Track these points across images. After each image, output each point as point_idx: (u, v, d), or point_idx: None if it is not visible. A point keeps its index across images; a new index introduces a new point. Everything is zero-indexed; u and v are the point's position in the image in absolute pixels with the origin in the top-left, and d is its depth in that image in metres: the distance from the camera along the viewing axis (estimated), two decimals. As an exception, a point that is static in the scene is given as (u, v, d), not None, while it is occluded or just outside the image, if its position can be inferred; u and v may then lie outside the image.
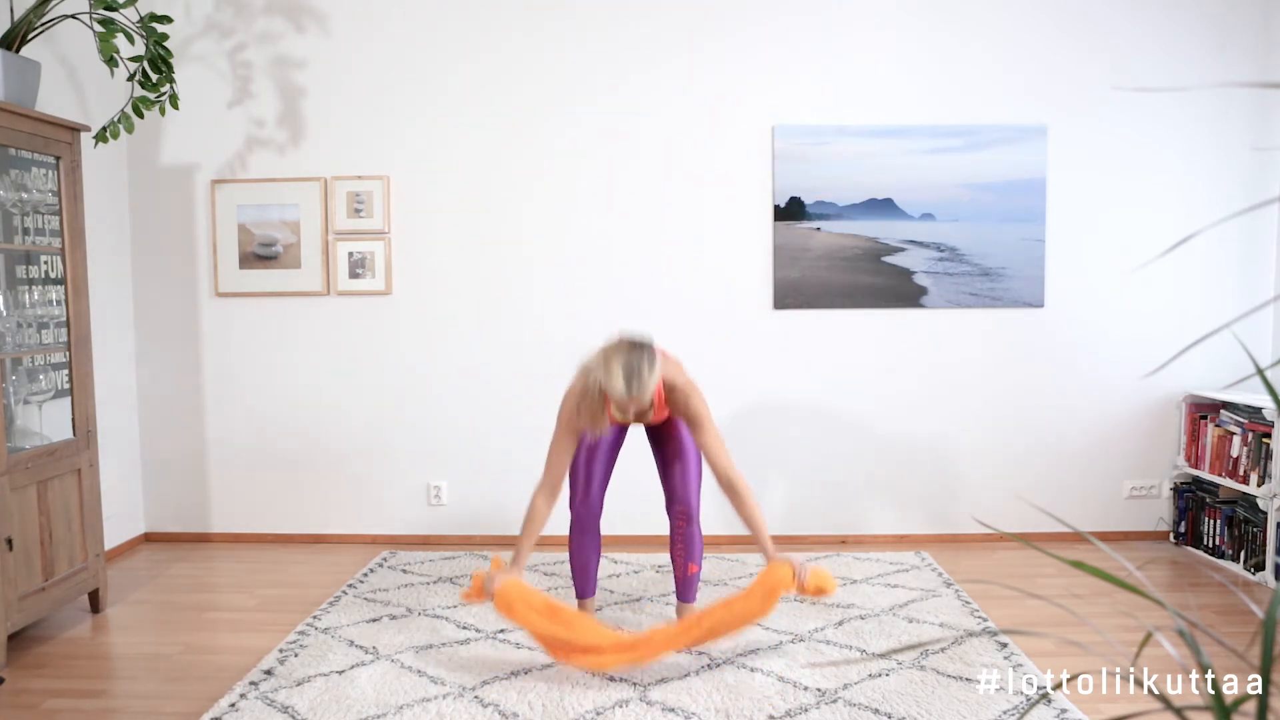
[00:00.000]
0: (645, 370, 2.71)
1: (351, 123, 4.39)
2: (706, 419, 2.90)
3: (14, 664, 3.05)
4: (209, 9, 4.36)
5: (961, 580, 3.81)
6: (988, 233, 4.35)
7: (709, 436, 2.89)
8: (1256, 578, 3.83)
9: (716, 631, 2.84)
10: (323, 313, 4.46)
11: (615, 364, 2.71)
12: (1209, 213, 4.29)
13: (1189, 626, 1.19)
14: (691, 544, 3.13)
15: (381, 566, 4.04)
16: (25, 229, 3.43)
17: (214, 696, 2.76)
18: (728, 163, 4.36)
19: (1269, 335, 4.34)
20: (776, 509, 4.44)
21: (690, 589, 3.16)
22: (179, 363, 4.50)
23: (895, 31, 4.32)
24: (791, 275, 4.37)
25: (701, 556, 3.18)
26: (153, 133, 4.41)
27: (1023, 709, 2.47)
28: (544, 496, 2.91)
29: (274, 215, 4.41)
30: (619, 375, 2.70)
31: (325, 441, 4.49)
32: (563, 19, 4.33)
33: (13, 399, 3.33)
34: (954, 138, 4.32)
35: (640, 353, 2.73)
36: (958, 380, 4.42)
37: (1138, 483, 4.46)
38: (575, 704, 2.66)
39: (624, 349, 2.75)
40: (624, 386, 2.70)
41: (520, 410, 4.42)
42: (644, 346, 2.77)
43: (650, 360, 2.73)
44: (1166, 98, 4.31)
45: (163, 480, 4.55)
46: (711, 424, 2.91)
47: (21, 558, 3.10)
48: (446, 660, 2.99)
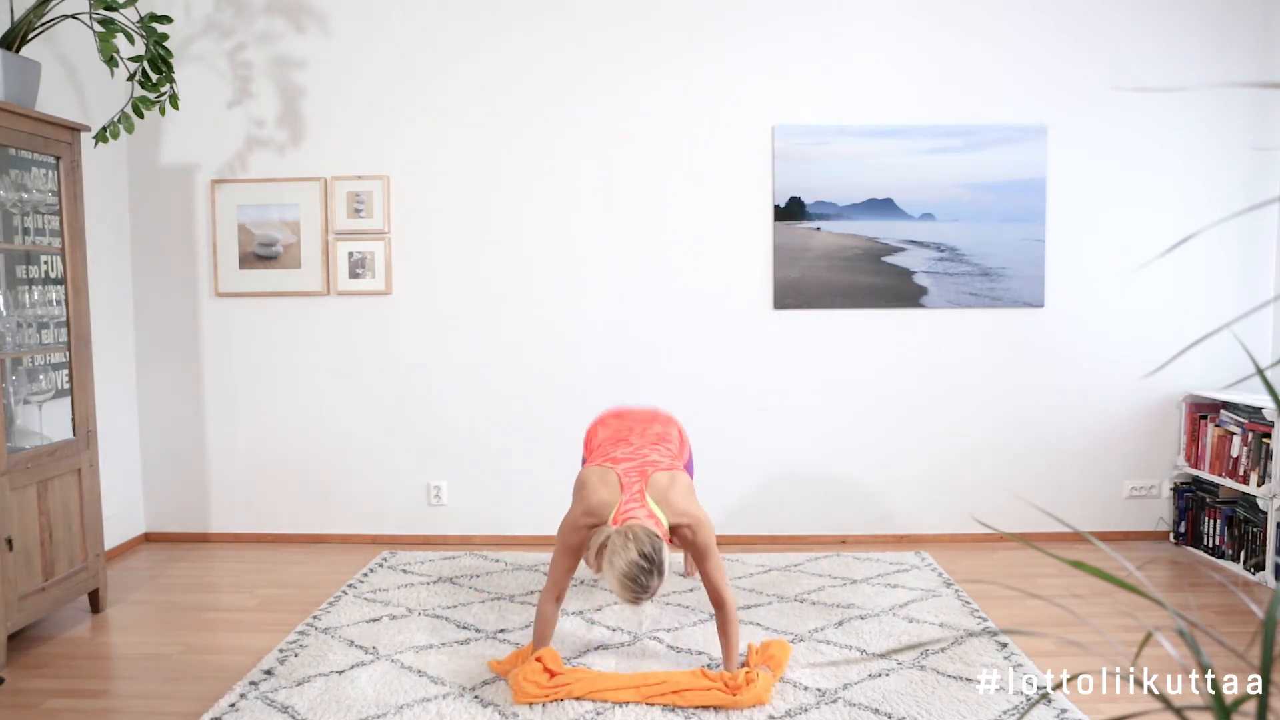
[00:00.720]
0: (653, 583, 2.60)
1: (351, 123, 4.39)
2: (712, 550, 2.83)
3: (14, 664, 3.05)
4: (209, 9, 4.36)
5: (961, 580, 3.81)
6: (988, 233, 4.35)
7: (712, 566, 2.82)
8: (1256, 578, 3.83)
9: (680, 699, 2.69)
10: (323, 313, 4.46)
11: (619, 565, 2.58)
12: (1209, 213, 4.29)
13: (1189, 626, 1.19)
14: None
15: (381, 566, 4.04)
16: (25, 229, 3.43)
17: (214, 696, 2.76)
18: (728, 163, 4.36)
19: (1269, 335, 4.34)
20: (777, 509, 4.44)
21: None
22: (179, 363, 4.50)
23: (895, 31, 4.32)
24: (791, 275, 4.37)
25: None
26: (153, 133, 4.41)
27: (1023, 709, 2.47)
28: (549, 603, 2.87)
29: (274, 215, 4.41)
30: (623, 586, 2.60)
31: (325, 441, 4.49)
32: (562, 19, 4.33)
33: (13, 399, 3.33)
34: (954, 138, 4.32)
35: (650, 565, 2.58)
36: (958, 380, 4.42)
37: (1138, 483, 4.46)
38: (575, 704, 2.66)
39: (631, 549, 2.58)
40: (629, 597, 2.62)
41: (520, 410, 4.42)
42: (653, 553, 2.59)
43: (660, 569, 2.60)
44: (1166, 98, 4.31)
45: (163, 480, 4.55)
46: (715, 553, 2.83)
47: (21, 558, 3.10)
48: (446, 660, 2.99)
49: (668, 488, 2.83)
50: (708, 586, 2.83)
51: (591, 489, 2.83)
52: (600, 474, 2.88)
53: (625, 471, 2.86)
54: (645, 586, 2.59)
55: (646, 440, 3.06)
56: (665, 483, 2.84)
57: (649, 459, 2.93)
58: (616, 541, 2.62)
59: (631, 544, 2.59)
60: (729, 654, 2.81)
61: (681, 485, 2.87)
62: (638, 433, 3.12)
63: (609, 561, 2.62)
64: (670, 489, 2.83)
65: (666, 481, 2.84)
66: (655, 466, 2.89)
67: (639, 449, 2.99)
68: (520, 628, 3.27)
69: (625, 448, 3.00)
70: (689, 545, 2.85)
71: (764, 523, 4.46)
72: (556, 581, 2.87)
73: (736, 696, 2.64)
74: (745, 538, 4.45)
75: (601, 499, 2.79)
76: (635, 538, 2.61)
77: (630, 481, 2.83)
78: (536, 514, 4.40)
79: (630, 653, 3.04)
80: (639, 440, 3.06)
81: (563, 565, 2.85)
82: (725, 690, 2.66)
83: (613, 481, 2.83)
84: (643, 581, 2.58)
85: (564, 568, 2.86)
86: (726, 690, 2.66)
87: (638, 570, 2.57)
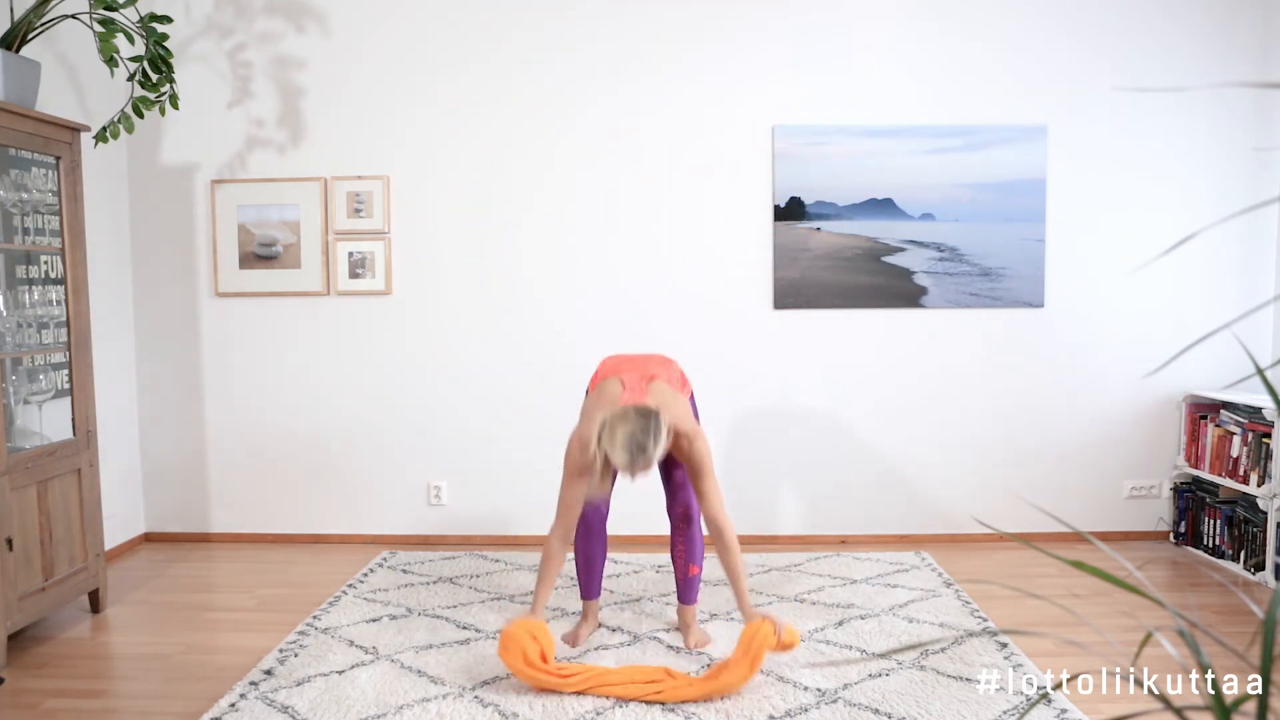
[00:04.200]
0: (650, 445, 2.65)
1: (351, 123, 4.39)
2: (708, 466, 2.86)
3: (14, 664, 3.05)
4: (209, 9, 4.36)
5: (961, 580, 3.81)
6: (988, 233, 4.35)
7: (708, 483, 2.85)
8: (1256, 578, 3.83)
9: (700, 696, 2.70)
10: (323, 313, 4.46)
11: (620, 434, 2.64)
12: (1209, 213, 4.29)
13: (1189, 626, 1.19)
14: (693, 545, 3.13)
15: (381, 566, 4.04)
16: (25, 229, 3.43)
17: (214, 696, 2.76)
18: (728, 162, 4.36)
19: (1269, 335, 4.33)
20: (777, 509, 4.44)
21: (691, 591, 3.16)
22: (179, 363, 4.50)
23: (895, 31, 4.32)
24: (791, 275, 4.37)
25: (703, 557, 3.18)
26: (153, 133, 4.41)
27: (1023, 709, 2.47)
28: (558, 539, 2.88)
29: (274, 215, 4.41)
30: (623, 448, 2.64)
31: (325, 441, 4.49)
32: (563, 19, 4.33)
33: (13, 399, 3.33)
34: (954, 138, 4.32)
35: (646, 424, 2.66)
36: (957, 380, 4.42)
37: (1138, 483, 4.46)
38: (575, 704, 2.66)
39: (630, 418, 2.67)
40: (628, 459, 2.65)
41: (521, 409, 4.43)
42: (651, 415, 2.69)
43: (656, 433, 2.66)
44: (1167, 98, 4.31)
45: (163, 480, 4.55)
46: (712, 471, 2.87)
47: (21, 558, 3.10)
48: (446, 660, 2.99)
49: (668, 397, 2.87)
50: (704, 506, 2.86)
51: (594, 403, 2.88)
52: (602, 387, 2.94)
53: (629, 378, 2.91)
54: (642, 446, 2.64)
55: (649, 365, 3.10)
56: (666, 392, 2.89)
57: (650, 372, 2.99)
58: (615, 414, 2.69)
59: (631, 411, 2.68)
60: (737, 584, 2.85)
61: (682, 402, 2.94)
62: (639, 363, 3.14)
63: (609, 433, 2.67)
64: (671, 400, 2.88)
65: (668, 392, 2.89)
66: (657, 378, 2.95)
67: (641, 366, 3.04)
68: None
69: (627, 367, 3.05)
70: (686, 457, 2.88)
71: (764, 523, 4.46)
72: (565, 513, 2.86)
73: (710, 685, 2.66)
74: (745, 538, 4.43)
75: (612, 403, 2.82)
76: (635, 409, 2.70)
77: (633, 383, 2.88)
78: (537, 514, 4.39)
79: (631, 653, 3.04)
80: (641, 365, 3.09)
81: (572, 492, 2.86)
82: (709, 680, 2.68)
83: (615, 392, 2.88)
84: (639, 440, 2.64)
85: (574, 495, 2.86)
86: (710, 680, 2.68)
87: (637, 430, 2.64)
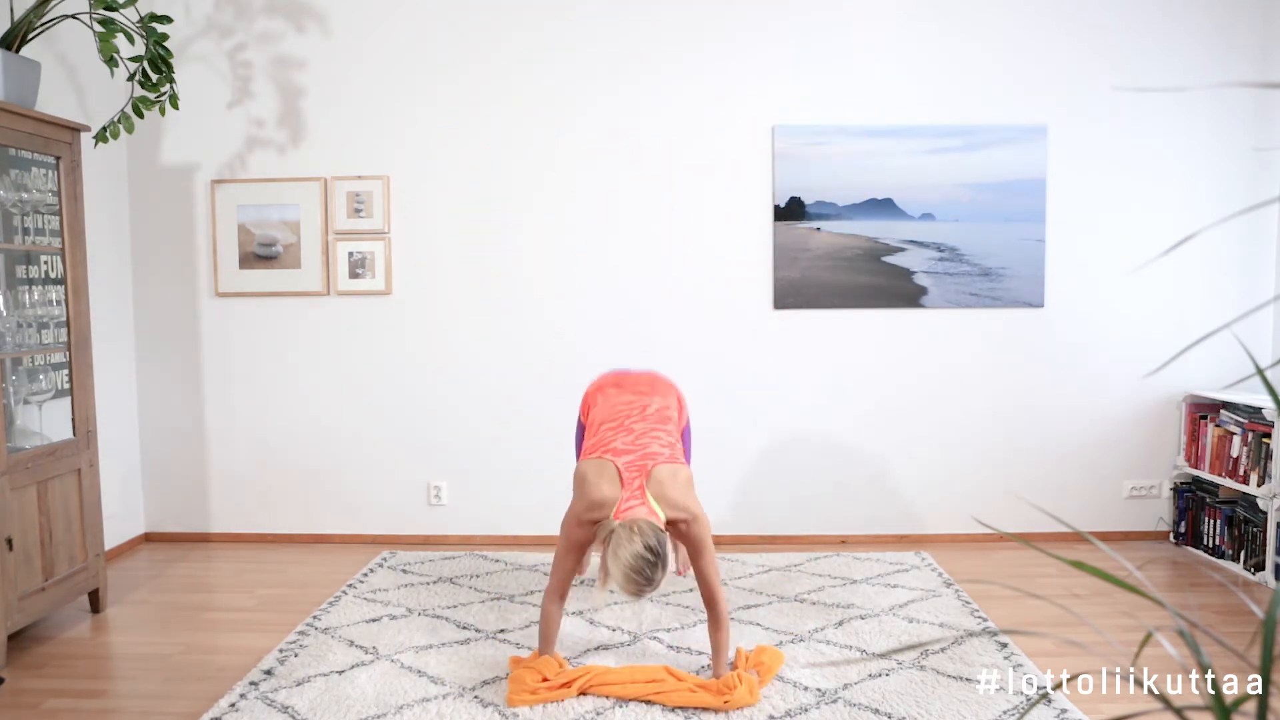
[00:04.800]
0: (657, 574, 2.62)
1: (351, 123, 4.39)
2: (707, 545, 2.84)
3: (14, 664, 3.05)
4: (209, 9, 4.36)
5: (961, 580, 3.81)
6: (988, 233, 4.35)
7: (706, 561, 2.83)
8: (1256, 578, 3.83)
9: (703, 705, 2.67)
10: (323, 313, 4.46)
11: (624, 557, 2.61)
12: (1209, 213, 4.29)
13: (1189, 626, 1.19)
14: None
15: (381, 566, 4.04)
16: (25, 229, 3.43)
17: (214, 696, 2.76)
18: (728, 162, 4.36)
19: (1269, 335, 4.33)
20: (777, 509, 4.44)
21: None
22: (179, 363, 4.50)
23: (895, 31, 4.32)
24: (791, 275, 4.37)
25: None
26: (153, 133, 4.41)
27: (1023, 709, 2.47)
28: (553, 601, 2.87)
29: (274, 215, 4.41)
30: (628, 579, 2.61)
31: (325, 441, 4.49)
32: (563, 19, 4.33)
33: (13, 399, 3.33)
34: (954, 138, 4.32)
35: (654, 559, 2.60)
36: (957, 380, 4.41)
37: (1138, 483, 4.46)
38: (575, 704, 2.66)
39: (639, 543, 2.61)
40: (631, 587, 2.63)
41: (521, 410, 4.42)
42: (655, 544, 2.62)
43: (663, 566, 2.63)
44: (1167, 98, 4.31)
45: (163, 480, 4.55)
46: (711, 549, 2.84)
47: (21, 558, 3.10)
48: (446, 660, 2.99)
49: (667, 483, 2.82)
50: (701, 583, 2.84)
51: (592, 484, 2.83)
52: (599, 467, 2.86)
53: (626, 466, 2.84)
54: (649, 579, 2.62)
55: (648, 424, 3.03)
56: (665, 477, 2.83)
57: (649, 450, 2.91)
58: (621, 535, 2.64)
59: (637, 537, 2.62)
60: (718, 657, 2.81)
61: (681, 480, 2.87)
62: (637, 413, 3.07)
63: (613, 554, 2.63)
64: (670, 484, 2.82)
65: (667, 476, 2.84)
66: (655, 460, 2.87)
67: (639, 438, 2.96)
68: (520, 628, 3.27)
69: (625, 436, 2.96)
70: (684, 538, 2.85)
71: (764, 523, 4.46)
72: (560, 580, 2.86)
73: (724, 700, 2.64)
74: (745, 538, 4.45)
75: (604, 494, 2.79)
76: (640, 531, 2.63)
77: (631, 477, 2.82)
78: (536, 514, 4.40)
79: (631, 653, 3.04)
80: (640, 425, 3.02)
81: (566, 563, 2.85)
82: (713, 693, 2.66)
83: (612, 475, 2.82)
84: (647, 574, 2.61)
85: (568, 565, 2.86)
86: (714, 693, 2.66)
87: (642, 563, 2.60)
